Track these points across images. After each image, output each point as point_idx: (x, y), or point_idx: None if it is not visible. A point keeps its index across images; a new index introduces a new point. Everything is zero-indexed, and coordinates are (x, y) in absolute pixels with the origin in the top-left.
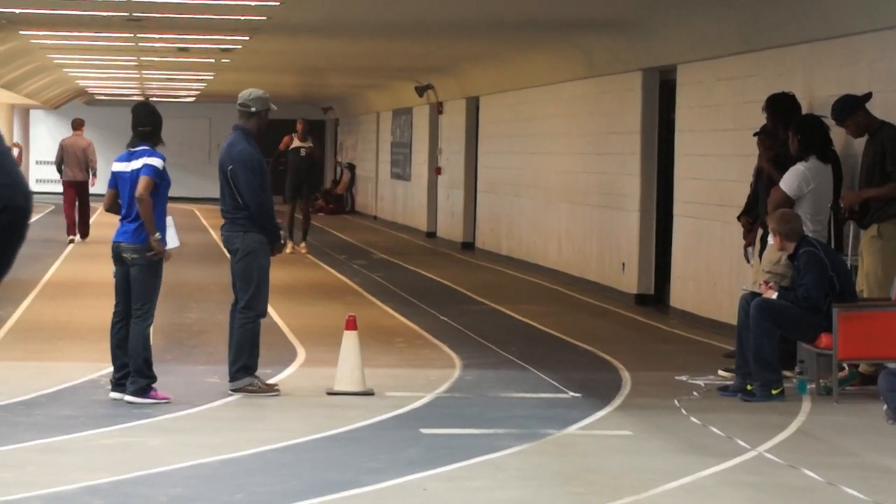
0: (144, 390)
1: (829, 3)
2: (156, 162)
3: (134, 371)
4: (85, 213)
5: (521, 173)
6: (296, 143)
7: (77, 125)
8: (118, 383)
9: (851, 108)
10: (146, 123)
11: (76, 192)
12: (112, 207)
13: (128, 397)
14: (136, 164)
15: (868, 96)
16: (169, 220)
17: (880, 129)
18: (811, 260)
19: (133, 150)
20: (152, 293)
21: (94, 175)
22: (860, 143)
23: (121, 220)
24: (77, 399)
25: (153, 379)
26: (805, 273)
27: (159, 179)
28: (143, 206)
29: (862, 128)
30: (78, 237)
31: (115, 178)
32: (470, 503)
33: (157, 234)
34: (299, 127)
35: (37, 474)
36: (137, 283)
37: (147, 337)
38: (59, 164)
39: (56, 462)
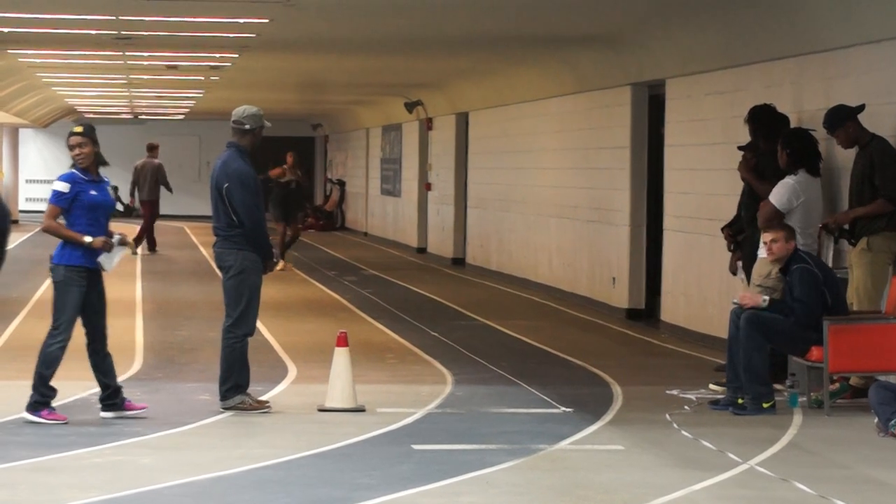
0: (34, 407)
1: (816, 17)
2: (55, 185)
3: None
4: (151, 228)
5: (511, 188)
6: (286, 175)
7: (151, 148)
8: (106, 403)
9: (843, 119)
10: None
11: (149, 210)
12: None
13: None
14: None
15: (861, 108)
16: (116, 250)
17: (870, 142)
18: (805, 275)
19: None
20: (61, 310)
21: (170, 191)
22: (844, 157)
23: None
24: (68, 417)
25: (46, 397)
26: (799, 288)
27: (64, 203)
28: (51, 234)
29: (852, 139)
30: (146, 251)
31: None
32: None
33: (85, 239)
34: (289, 160)
35: (28, 493)
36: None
37: (49, 354)
38: (134, 186)
39: (47, 481)
